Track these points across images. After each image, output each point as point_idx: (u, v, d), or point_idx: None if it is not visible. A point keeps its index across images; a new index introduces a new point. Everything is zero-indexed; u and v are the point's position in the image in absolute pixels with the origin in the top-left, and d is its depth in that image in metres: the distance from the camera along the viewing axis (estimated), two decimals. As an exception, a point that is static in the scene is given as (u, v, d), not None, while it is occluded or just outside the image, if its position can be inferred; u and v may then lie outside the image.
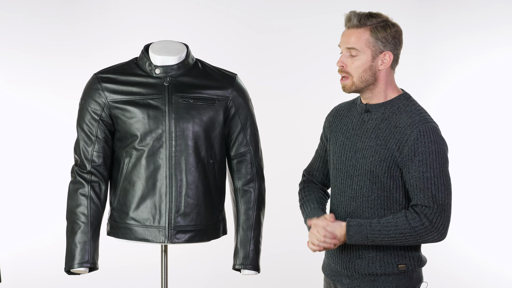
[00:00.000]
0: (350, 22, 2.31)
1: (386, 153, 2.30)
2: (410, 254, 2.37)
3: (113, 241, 2.80)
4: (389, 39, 2.30)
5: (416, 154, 2.25)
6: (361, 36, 2.30)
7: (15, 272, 4.35)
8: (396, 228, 2.26)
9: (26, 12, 4.52)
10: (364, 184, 2.35)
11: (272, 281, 4.45)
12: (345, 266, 2.42)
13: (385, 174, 2.31)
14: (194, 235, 2.65)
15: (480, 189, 4.71)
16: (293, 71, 4.69)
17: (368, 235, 2.28)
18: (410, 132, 2.27)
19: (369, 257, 2.37)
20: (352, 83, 2.34)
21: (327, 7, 4.68)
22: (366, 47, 2.30)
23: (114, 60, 3.00)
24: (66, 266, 2.63)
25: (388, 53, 2.31)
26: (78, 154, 2.65)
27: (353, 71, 2.32)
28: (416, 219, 2.25)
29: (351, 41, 2.31)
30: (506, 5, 4.66)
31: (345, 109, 2.50)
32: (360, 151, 2.35)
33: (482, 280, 4.57)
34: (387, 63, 2.32)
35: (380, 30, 2.30)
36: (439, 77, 4.74)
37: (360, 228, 2.29)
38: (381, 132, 2.32)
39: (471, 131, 4.68)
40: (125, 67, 2.67)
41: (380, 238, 2.28)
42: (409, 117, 2.30)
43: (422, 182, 2.25)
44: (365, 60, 2.31)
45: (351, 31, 2.31)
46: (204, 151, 2.64)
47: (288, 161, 4.62)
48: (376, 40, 2.30)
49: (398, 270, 2.36)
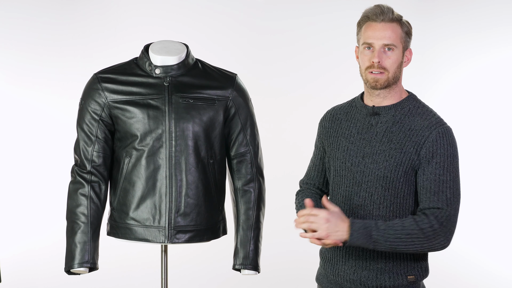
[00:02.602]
0: (384, 16, 2.21)
1: (402, 157, 2.21)
2: (419, 264, 2.28)
3: (113, 241, 2.80)
4: (410, 35, 2.26)
5: (434, 156, 2.18)
6: (396, 31, 2.22)
7: (15, 272, 4.35)
8: (403, 229, 2.15)
9: (26, 12, 4.52)
10: (375, 191, 2.24)
11: (272, 281, 4.45)
12: (348, 279, 2.31)
13: (401, 179, 2.22)
14: (194, 235, 2.65)
15: (480, 189, 4.71)
16: (294, 70, 4.69)
17: (373, 233, 2.15)
18: (429, 134, 2.19)
19: (377, 268, 2.26)
20: (387, 78, 2.23)
21: (327, 7, 4.68)
22: (400, 42, 2.23)
23: (114, 60, 3.00)
24: (66, 266, 2.63)
25: (410, 49, 2.27)
26: (78, 154, 2.65)
27: (390, 67, 2.23)
28: (424, 220, 2.16)
29: (388, 36, 2.21)
30: (506, 5, 4.66)
31: (343, 113, 2.39)
32: (370, 156, 2.25)
33: (482, 280, 4.57)
34: (409, 60, 2.28)
35: (407, 25, 2.25)
36: (439, 77, 4.74)
37: (365, 225, 2.16)
38: (394, 135, 2.23)
39: (471, 131, 4.68)
40: (125, 67, 2.67)
41: (385, 238, 2.15)
42: (424, 119, 2.23)
43: (438, 185, 2.17)
44: (399, 56, 2.24)
45: (386, 25, 2.21)
46: (204, 151, 2.63)
47: (288, 161, 4.62)
48: (406, 36, 2.24)
49: (407, 282, 2.26)
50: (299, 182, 2.58)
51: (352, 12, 3.90)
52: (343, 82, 4.65)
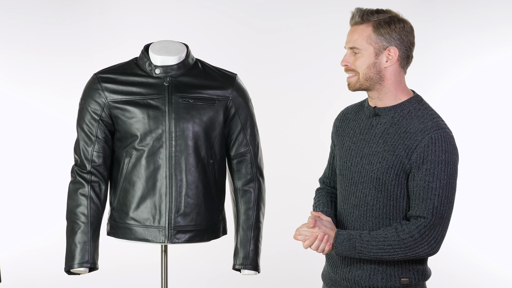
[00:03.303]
0: (353, 19, 2.24)
1: (394, 159, 2.19)
2: (414, 267, 2.27)
3: (113, 241, 2.80)
4: (393, 35, 2.20)
5: (425, 162, 2.16)
6: (363, 33, 2.21)
7: (15, 272, 4.35)
8: (385, 239, 2.17)
9: (26, 12, 4.52)
10: (369, 192, 2.25)
11: (272, 281, 4.45)
12: (345, 277, 2.33)
13: (393, 182, 2.20)
14: (194, 235, 2.65)
15: (480, 189, 4.71)
16: (294, 70, 4.69)
17: (357, 244, 2.19)
18: (421, 139, 2.16)
19: (371, 268, 2.27)
20: (357, 80, 2.24)
21: (327, 7, 4.68)
22: (368, 44, 2.21)
23: (114, 60, 3.00)
24: (66, 266, 2.63)
25: (393, 48, 2.21)
26: (78, 154, 2.65)
27: (358, 68, 2.23)
28: (405, 230, 2.16)
29: (352, 40, 2.23)
30: (506, 5, 4.66)
31: (353, 113, 2.40)
32: (367, 157, 2.26)
33: (482, 280, 4.57)
34: (392, 59, 2.22)
35: (384, 26, 2.20)
36: (439, 77, 4.74)
37: (350, 236, 2.21)
38: (389, 137, 2.22)
39: (471, 131, 4.68)
40: (125, 67, 2.67)
41: (368, 249, 2.19)
42: (421, 122, 2.20)
43: (426, 192, 2.15)
44: (367, 57, 2.22)
45: (354, 28, 2.24)
46: (204, 151, 2.63)
47: (289, 161, 4.62)
48: (378, 36, 2.20)
49: (400, 284, 2.25)
50: (318, 180, 2.59)
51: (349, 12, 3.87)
52: (341, 82, 4.66)
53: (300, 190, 4.08)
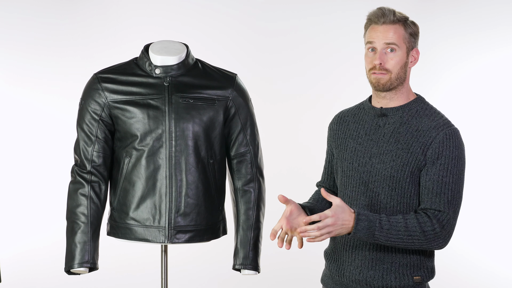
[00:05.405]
0: (385, 18, 2.24)
1: (409, 157, 2.22)
2: (425, 265, 2.29)
3: (113, 241, 2.80)
4: (416, 37, 2.27)
5: (440, 157, 2.19)
6: (398, 31, 2.23)
7: (15, 272, 4.35)
8: (406, 230, 2.17)
9: (26, 12, 4.52)
10: (382, 191, 2.26)
11: (272, 281, 4.45)
12: (355, 279, 2.31)
13: (407, 179, 2.23)
14: (194, 235, 2.65)
15: (481, 189, 4.71)
16: (298, 74, 4.69)
17: (376, 232, 2.17)
18: (436, 135, 2.20)
19: (383, 268, 2.27)
20: (389, 79, 2.25)
21: (328, 7, 4.68)
22: (403, 43, 2.24)
23: (114, 60, 3.00)
24: (66, 266, 2.63)
25: (416, 49, 2.28)
26: (78, 154, 2.65)
27: (392, 68, 2.24)
28: (427, 223, 2.17)
29: (389, 36, 2.23)
30: (506, 5, 4.66)
31: (350, 115, 2.42)
32: (377, 156, 2.27)
33: (483, 280, 4.57)
34: (415, 60, 2.28)
35: (411, 26, 2.26)
36: (439, 77, 4.75)
37: (369, 224, 2.16)
38: (401, 136, 2.25)
39: (471, 131, 4.68)
40: (125, 67, 2.67)
41: (386, 238, 2.17)
42: (432, 120, 2.24)
43: (440, 186, 2.19)
44: (402, 56, 2.25)
45: (388, 27, 2.23)
46: (204, 151, 2.63)
47: (289, 161, 4.62)
48: (410, 36, 2.25)
49: (413, 282, 2.27)
50: (315, 185, 2.61)
51: (356, 11, 3.89)
52: (345, 82, 4.66)
53: (300, 190, 4.07)
